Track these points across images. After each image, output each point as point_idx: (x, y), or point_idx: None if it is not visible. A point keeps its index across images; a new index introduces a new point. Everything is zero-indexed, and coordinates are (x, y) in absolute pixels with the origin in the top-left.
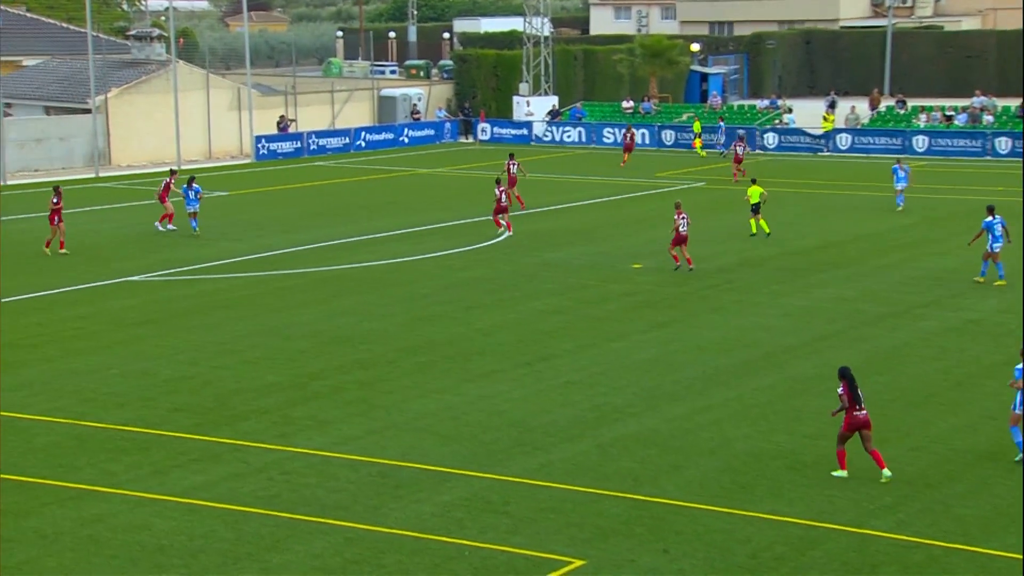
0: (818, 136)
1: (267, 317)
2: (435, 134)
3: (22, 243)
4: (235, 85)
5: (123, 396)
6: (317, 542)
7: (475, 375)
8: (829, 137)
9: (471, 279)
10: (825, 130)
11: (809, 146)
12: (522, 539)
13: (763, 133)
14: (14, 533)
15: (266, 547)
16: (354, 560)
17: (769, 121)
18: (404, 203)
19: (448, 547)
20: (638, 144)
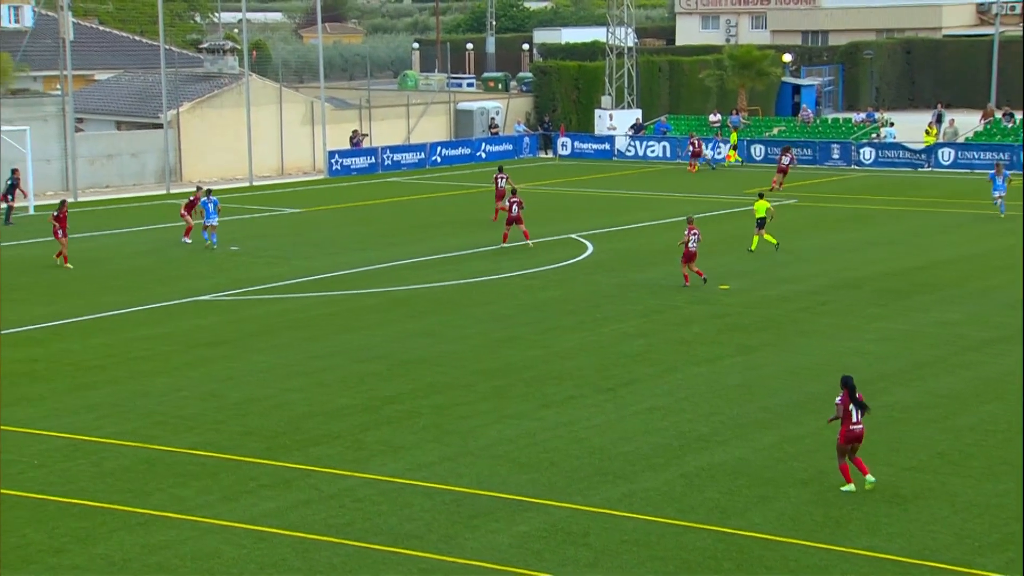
0: (918, 151)
1: (339, 338)
2: (513, 149)
3: (92, 261)
4: (308, 99)
5: (193, 419)
6: (390, 573)
7: (554, 400)
8: (930, 152)
9: (550, 299)
10: (926, 144)
11: (909, 161)
12: (603, 572)
13: (859, 148)
14: (82, 560)
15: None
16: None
17: (866, 135)
18: (481, 221)
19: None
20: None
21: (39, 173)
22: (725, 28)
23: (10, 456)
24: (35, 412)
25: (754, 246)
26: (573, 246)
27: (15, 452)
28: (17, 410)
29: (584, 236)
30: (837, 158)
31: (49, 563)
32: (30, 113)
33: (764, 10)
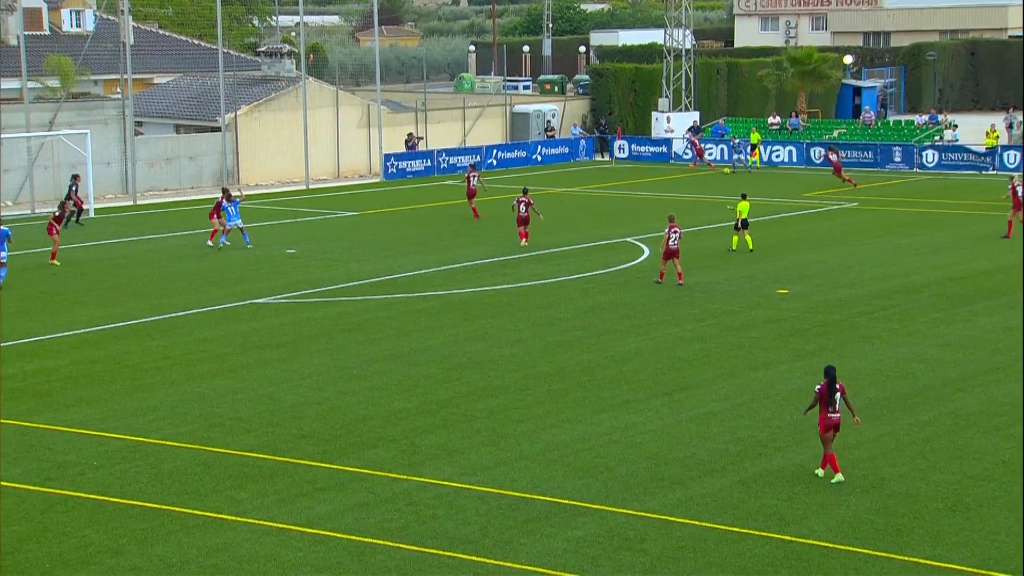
0: (982, 153)
1: (395, 341)
2: (569, 152)
3: (150, 263)
4: (364, 102)
5: (249, 421)
6: None
7: (609, 405)
8: (994, 154)
9: (606, 303)
10: (988, 147)
11: (973, 164)
12: None
13: (921, 150)
14: (141, 561)
15: None
16: None
17: (928, 138)
18: (537, 224)
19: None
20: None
21: (99, 176)
22: (785, 30)
23: (70, 457)
24: (94, 413)
25: (734, 246)
26: (630, 250)
27: (75, 453)
28: (77, 411)
29: (641, 239)
30: (899, 161)
31: (108, 564)
32: (90, 117)
33: (825, 11)
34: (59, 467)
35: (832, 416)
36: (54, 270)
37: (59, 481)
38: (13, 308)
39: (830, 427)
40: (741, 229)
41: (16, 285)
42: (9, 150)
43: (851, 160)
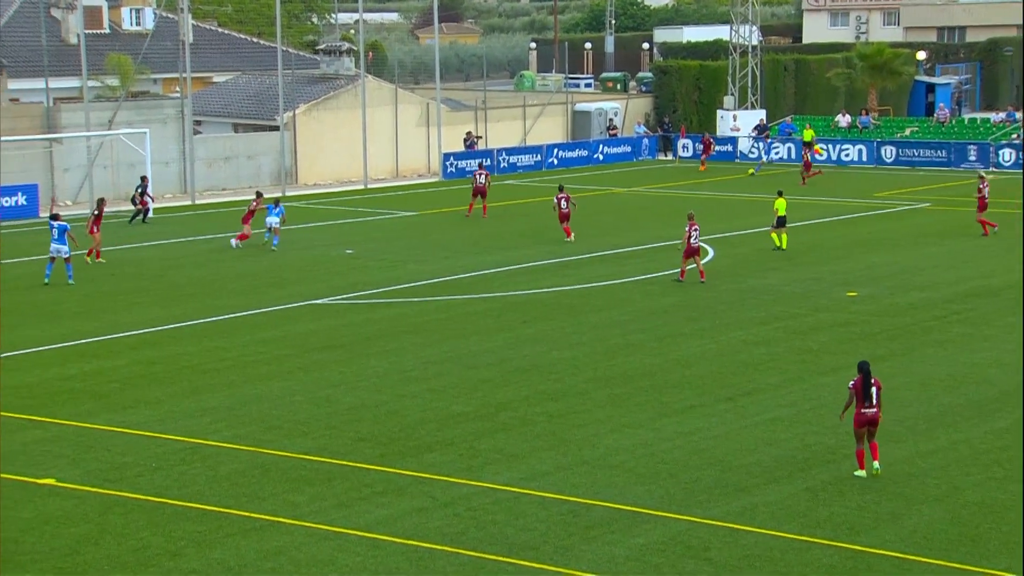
0: None
1: (454, 343)
2: (632, 151)
3: (207, 264)
4: (424, 100)
5: (306, 424)
6: None
7: (672, 409)
8: None
9: (669, 306)
10: None
11: None
12: None
13: (998, 149)
14: (199, 564)
15: None
16: None
17: (1006, 136)
18: (598, 224)
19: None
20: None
21: (157, 176)
22: (855, 25)
23: (128, 459)
24: (152, 415)
25: (777, 243)
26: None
27: (133, 455)
28: (135, 412)
29: (704, 240)
30: (974, 160)
31: (166, 567)
32: (149, 116)
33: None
34: (117, 469)
35: (866, 412)
36: (113, 270)
37: (118, 483)
38: (73, 308)
39: (864, 423)
40: (777, 227)
41: (75, 286)
42: (69, 149)
43: (924, 159)
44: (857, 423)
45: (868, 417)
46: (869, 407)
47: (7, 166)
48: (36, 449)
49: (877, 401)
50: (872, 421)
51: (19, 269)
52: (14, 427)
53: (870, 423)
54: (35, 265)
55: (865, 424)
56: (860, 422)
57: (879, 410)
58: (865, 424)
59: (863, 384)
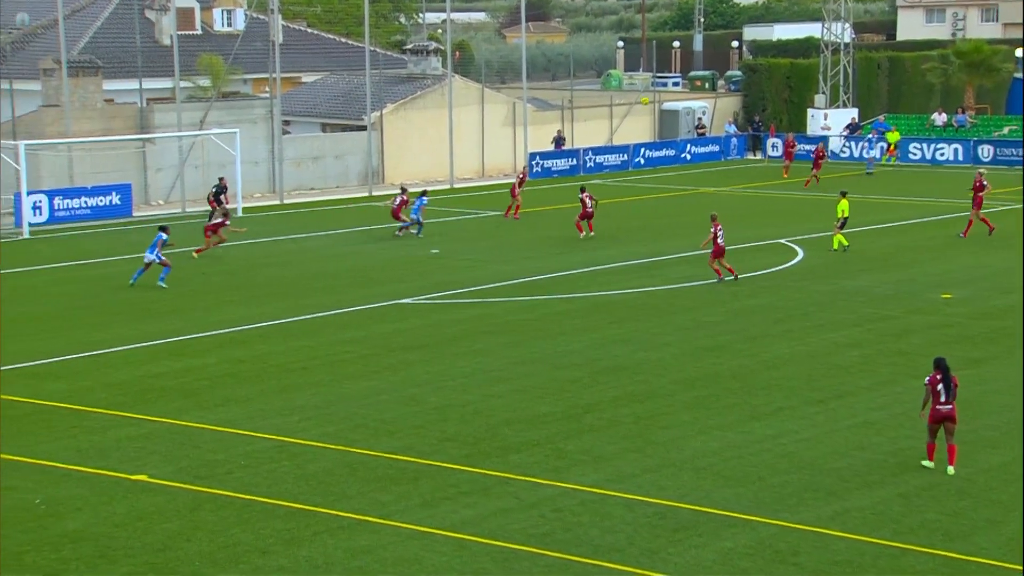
0: None
1: (539, 344)
2: (720, 150)
3: (295, 263)
4: (510, 100)
5: (393, 423)
6: None
7: (761, 412)
8: None
9: (758, 307)
10: None
11: None
12: None
13: None
14: (287, 562)
15: None
16: None
17: None
18: (686, 224)
19: None
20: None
21: (247, 175)
22: (951, 22)
23: (218, 456)
24: (242, 412)
25: (835, 245)
26: (782, 251)
27: (223, 452)
28: (224, 410)
29: (794, 241)
30: None
31: (256, 564)
32: (239, 116)
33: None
34: (208, 465)
35: (941, 408)
36: (203, 269)
37: (208, 480)
38: (164, 307)
39: (939, 419)
40: (839, 228)
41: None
42: (161, 149)
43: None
44: (932, 419)
45: (944, 413)
46: (946, 403)
47: (101, 165)
48: (129, 445)
49: (953, 397)
50: (948, 417)
51: (113, 268)
52: (108, 423)
53: (946, 419)
54: (128, 264)
55: (941, 420)
56: (936, 418)
57: (955, 407)
58: (941, 420)
59: (941, 380)
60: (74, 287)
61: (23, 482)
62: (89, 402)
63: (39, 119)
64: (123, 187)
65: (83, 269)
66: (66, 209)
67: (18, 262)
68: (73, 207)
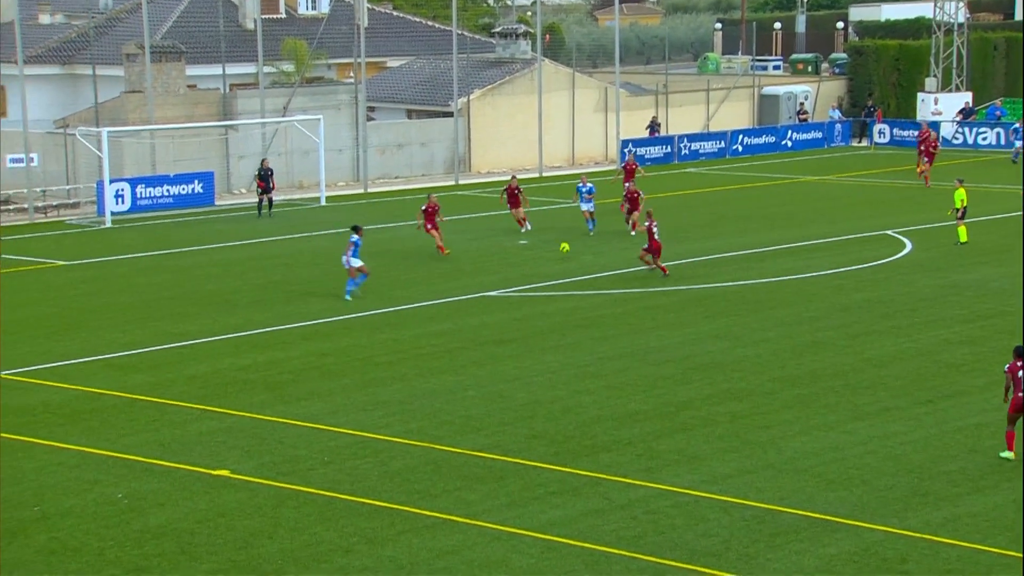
0: None
1: (631, 339)
2: (823, 137)
3: (380, 254)
4: (602, 84)
5: (479, 420)
6: None
7: (865, 412)
8: None
9: (862, 302)
10: None
11: None
12: None
13: None
14: (370, 562)
15: None
16: None
17: None
18: (787, 215)
19: None
20: None
21: (330, 163)
22: None
23: (301, 451)
24: (324, 407)
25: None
26: (889, 243)
27: (305, 448)
28: (308, 404)
29: (901, 232)
30: None
31: (339, 563)
32: (323, 102)
33: None
34: (290, 461)
35: (1022, 396)
36: (286, 261)
37: (290, 476)
38: (248, 298)
39: (1018, 407)
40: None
41: (248, 275)
42: (244, 136)
43: None
44: (1013, 407)
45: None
46: None
47: (184, 153)
48: (211, 439)
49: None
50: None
51: (196, 258)
52: (190, 417)
53: None
54: (211, 254)
55: (1020, 409)
56: (1016, 406)
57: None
58: (1020, 409)
59: (1022, 368)
60: (157, 277)
61: (105, 476)
62: (171, 395)
63: (122, 105)
64: (206, 175)
65: (166, 259)
66: (148, 197)
67: (101, 251)
68: (155, 195)
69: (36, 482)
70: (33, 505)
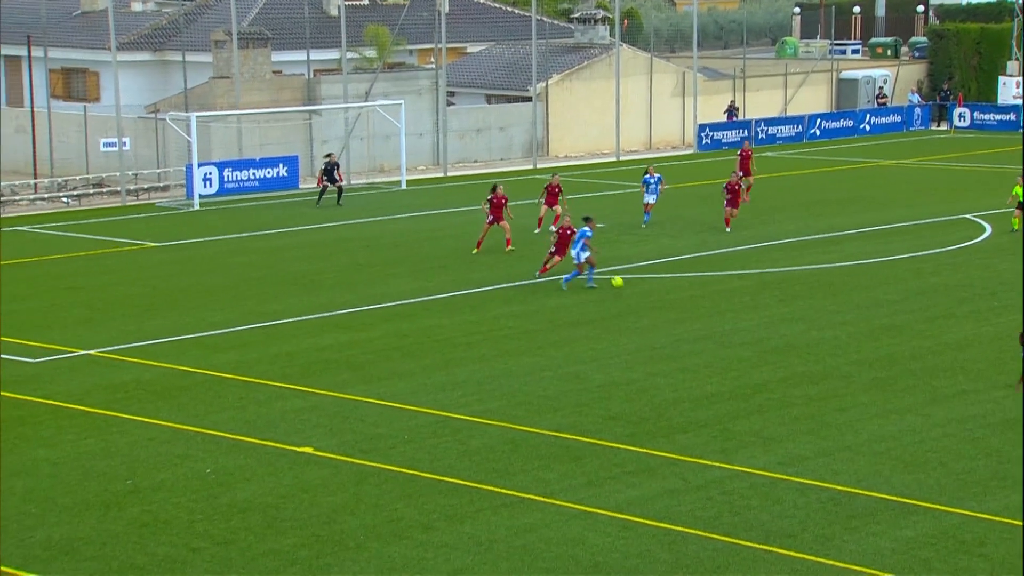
0: None
1: (706, 321)
2: (902, 121)
3: (460, 236)
4: (680, 69)
5: (556, 400)
6: (760, 571)
7: (943, 395)
8: None
9: (941, 285)
10: None
11: None
12: None
13: None
14: (450, 538)
15: (705, 572)
16: None
17: None
18: (865, 199)
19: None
20: None
21: (411, 147)
22: None
23: (381, 430)
24: (405, 387)
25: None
26: (969, 227)
27: (387, 426)
28: (389, 384)
29: (982, 216)
30: None
31: (419, 539)
32: (404, 87)
33: None
34: (371, 439)
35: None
36: (368, 242)
37: (371, 453)
38: (330, 280)
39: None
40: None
41: (332, 256)
42: (327, 121)
43: None
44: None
45: None
46: None
47: (269, 137)
48: (295, 418)
49: None
50: None
51: (282, 240)
52: (275, 395)
53: None
54: (295, 236)
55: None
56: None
57: None
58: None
59: None
60: (243, 258)
61: (194, 451)
62: (257, 373)
63: (210, 90)
64: (290, 159)
65: (253, 240)
66: (235, 181)
67: (190, 233)
68: (242, 179)
69: (129, 456)
70: (126, 479)
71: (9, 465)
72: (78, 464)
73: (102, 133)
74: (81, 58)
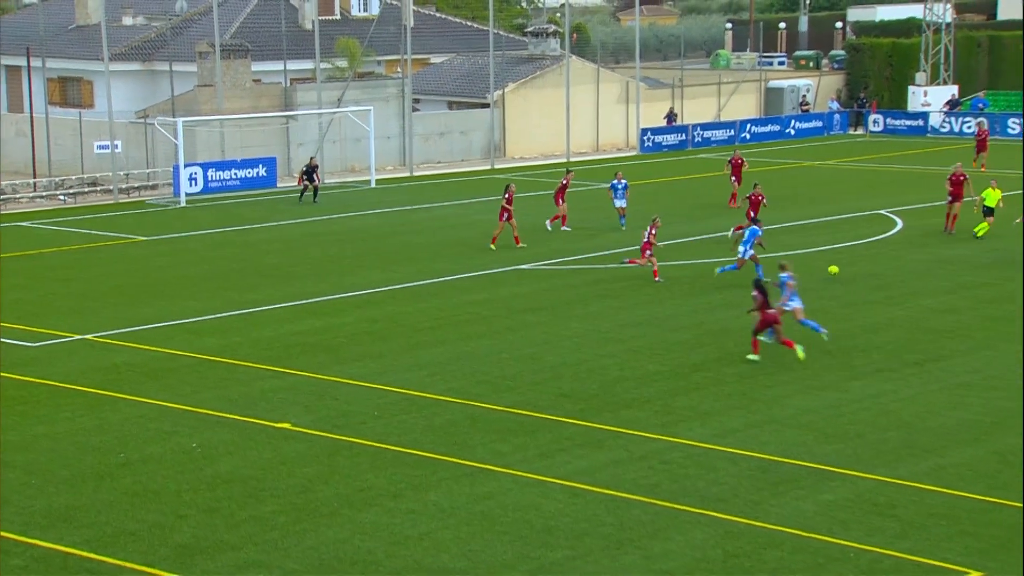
0: None
1: (649, 308)
2: (823, 126)
3: (425, 231)
4: (624, 79)
5: (512, 380)
6: (697, 533)
7: (860, 373)
8: None
9: (856, 274)
10: None
11: None
12: (911, 544)
13: None
14: (416, 505)
15: (647, 534)
16: (734, 554)
17: None
18: (790, 196)
19: (831, 547)
20: None
21: (380, 149)
22: None
23: (353, 407)
24: (375, 368)
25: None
26: (882, 222)
27: (358, 404)
28: (359, 365)
29: (893, 212)
30: None
31: (388, 506)
32: (374, 94)
33: None
34: (344, 416)
35: None
36: (341, 238)
37: (344, 428)
38: (306, 271)
39: None
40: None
41: (307, 249)
42: (303, 125)
43: None
44: None
45: None
46: None
47: (249, 140)
48: (274, 396)
49: None
50: None
51: (261, 234)
52: (256, 376)
53: None
54: (273, 231)
55: None
56: None
57: None
58: None
59: None
60: (227, 251)
61: (181, 427)
62: (239, 356)
63: (195, 98)
64: (269, 160)
65: (234, 235)
66: (218, 180)
67: (176, 228)
68: (224, 178)
69: (120, 432)
70: (118, 452)
71: (11, 441)
72: (74, 439)
73: (96, 136)
74: (76, 68)
